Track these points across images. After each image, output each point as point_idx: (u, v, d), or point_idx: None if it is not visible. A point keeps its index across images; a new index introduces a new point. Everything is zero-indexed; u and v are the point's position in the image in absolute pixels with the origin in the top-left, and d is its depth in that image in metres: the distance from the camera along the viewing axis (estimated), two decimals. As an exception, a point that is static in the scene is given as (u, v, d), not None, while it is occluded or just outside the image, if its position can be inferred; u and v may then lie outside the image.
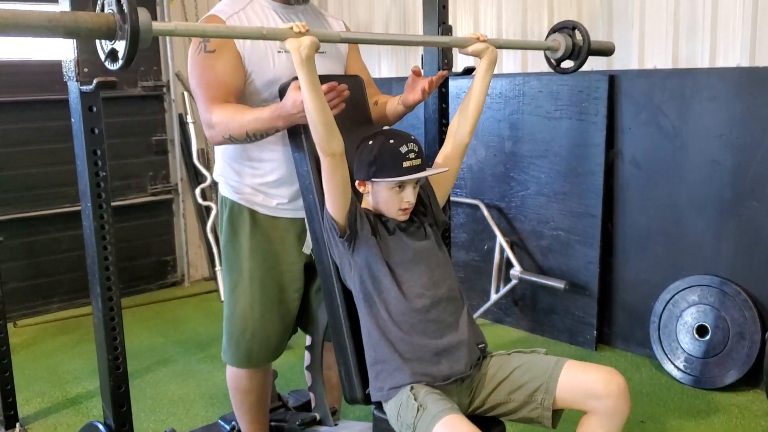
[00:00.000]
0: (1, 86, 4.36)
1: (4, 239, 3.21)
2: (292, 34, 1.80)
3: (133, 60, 1.49)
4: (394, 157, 1.91)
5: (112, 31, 1.47)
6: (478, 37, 2.17)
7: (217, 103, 2.13)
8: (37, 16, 1.38)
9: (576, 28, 2.44)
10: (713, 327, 3.29)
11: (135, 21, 1.44)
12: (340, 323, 2.12)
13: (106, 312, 1.97)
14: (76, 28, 1.44)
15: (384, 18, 4.66)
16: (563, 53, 2.47)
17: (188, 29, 1.73)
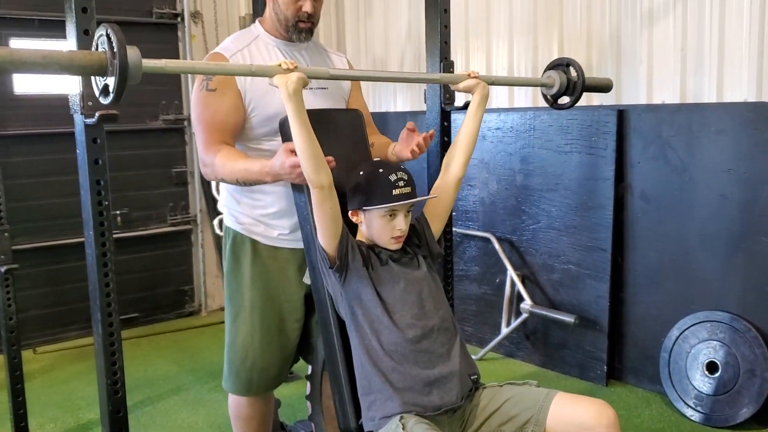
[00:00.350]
0: (25, 119, 4.53)
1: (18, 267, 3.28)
2: (280, 71, 1.87)
3: (122, 94, 1.56)
4: (384, 185, 1.96)
5: (104, 67, 1.55)
6: (470, 74, 2.23)
7: (214, 144, 2.21)
8: (33, 53, 1.46)
9: (570, 65, 2.47)
10: (723, 364, 3.25)
11: (124, 58, 1.52)
12: (335, 352, 2.14)
13: (106, 338, 2.02)
14: (69, 65, 1.52)
15: (399, 54, 4.74)
16: (558, 89, 2.51)
17: (178, 66, 1.81)
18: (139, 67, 1.57)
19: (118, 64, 1.52)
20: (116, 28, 1.56)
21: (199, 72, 2.06)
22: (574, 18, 3.76)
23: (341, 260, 1.96)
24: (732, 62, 3.17)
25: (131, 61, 1.55)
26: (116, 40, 1.53)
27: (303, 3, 2.28)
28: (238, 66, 2.14)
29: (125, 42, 1.55)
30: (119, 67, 1.53)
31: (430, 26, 2.62)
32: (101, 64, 1.55)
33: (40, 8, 4.43)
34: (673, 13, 3.35)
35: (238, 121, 2.25)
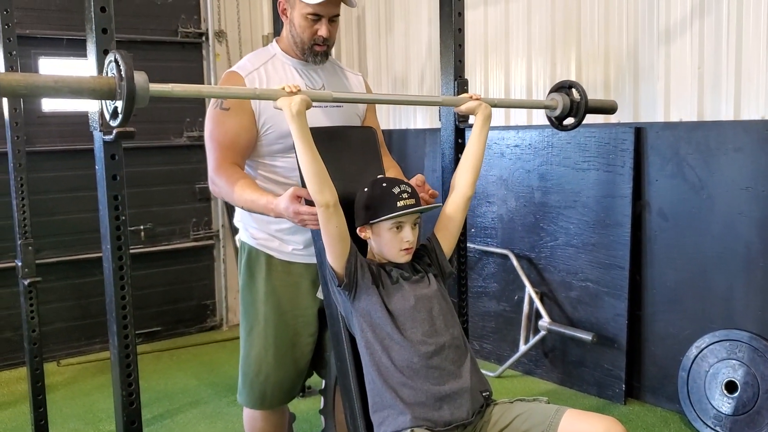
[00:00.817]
0: (53, 136, 4.64)
1: (41, 280, 3.36)
2: (284, 94, 1.92)
3: (130, 117, 1.63)
4: (388, 197, 2.00)
5: (113, 91, 1.62)
6: (471, 96, 2.26)
7: (224, 165, 2.27)
8: (46, 78, 1.54)
9: (573, 87, 2.50)
10: (742, 383, 3.22)
11: (131, 83, 1.58)
12: (347, 367, 2.17)
13: (122, 349, 2.06)
14: (79, 89, 1.59)
15: (419, 72, 4.79)
16: (561, 111, 2.53)
17: (185, 91, 1.86)
18: (146, 90, 1.63)
19: (125, 88, 1.58)
20: (124, 54, 1.62)
21: (206, 96, 2.12)
22: (592, 36, 3.78)
23: (350, 278, 1.99)
24: (749, 80, 3.17)
25: (138, 86, 1.60)
26: (124, 65, 1.59)
27: (319, 27, 2.31)
28: (243, 90, 2.19)
29: (133, 67, 1.60)
30: (127, 91, 1.58)
31: (445, 45, 2.65)
32: (110, 88, 1.62)
33: (67, 28, 4.55)
34: (690, 31, 3.35)
35: (249, 141, 2.31)
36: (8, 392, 4.20)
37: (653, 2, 3.49)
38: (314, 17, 2.28)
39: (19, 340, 4.31)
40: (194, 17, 5.15)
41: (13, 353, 4.54)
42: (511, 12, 4.17)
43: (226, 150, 2.28)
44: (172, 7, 5.06)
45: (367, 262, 2.04)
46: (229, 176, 2.24)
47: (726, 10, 3.21)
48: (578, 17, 3.83)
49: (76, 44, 4.53)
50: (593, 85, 3.78)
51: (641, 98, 3.59)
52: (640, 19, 3.56)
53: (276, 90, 1.94)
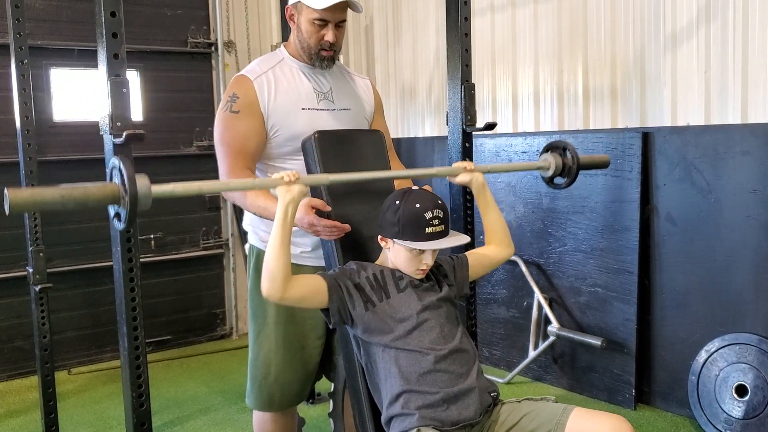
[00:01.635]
0: (64, 145, 4.68)
1: (52, 286, 3.39)
2: (282, 183, 1.93)
3: (134, 219, 1.72)
4: (418, 222, 1.98)
5: (117, 198, 1.70)
6: (465, 167, 2.27)
7: (237, 169, 2.29)
8: (52, 192, 1.64)
9: (566, 149, 2.53)
10: (753, 387, 3.21)
11: (134, 191, 1.66)
12: (355, 368, 2.18)
13: (132, 351, 2.08)
14: (84, 201, 1.68)
15: (428, 80, 4.81)
16: (554, 171, 2.55)
17: (186, 189, 1.90)
18: (148, 195, 1.70)
19: (129, 197, 1.66)
20: (127, 163, 1.69)
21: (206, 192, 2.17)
22: (599, 42, 3.79)
23: (340, 316, 2.01)
24: (756, 84, 3.17)
25: (141, 192, 1.67)
26: (126, 174, 1.67)
27: (326, 32, 2.34)
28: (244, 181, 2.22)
29: (134, 174, 1.68)
30: (130, 200, 1.66)
31: (451, 50, 2.67)
32: (114, 195, 1.70)
33: (78, 39, 4.60)
34: (697, 36, 3.36)
35: (259, 144, 2.33)
36: (20, 400, 4.23)
37: (659, 8, 3.50)
38: (321, 22, 2.31)
39: (30, 349, 4.35)
40: (204, 28, 5.20)
41: (25, 362, 4.57)
42: (517, 19, 4.20)
43: (237, 154, 2.30)
44: (181, 17, 5.11)
45: (363, 275, 2.05)
46: (239, 180, 2.26)
47: (732, 14, 3.22)
48: (584, 24, 3.85)
49: (87, 55, 4.58)
50: (600, 91, 3.80)
51: (648, 103, 3.60)
52: (646, 25, 3.57)
53: (275, 179, 1.95)
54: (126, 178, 1.66)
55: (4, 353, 4.58)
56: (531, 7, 4.11)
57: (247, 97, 2.32)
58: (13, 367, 4.60)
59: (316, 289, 1.99)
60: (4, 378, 4.56)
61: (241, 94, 2.32)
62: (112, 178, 1.75)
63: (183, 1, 5.12)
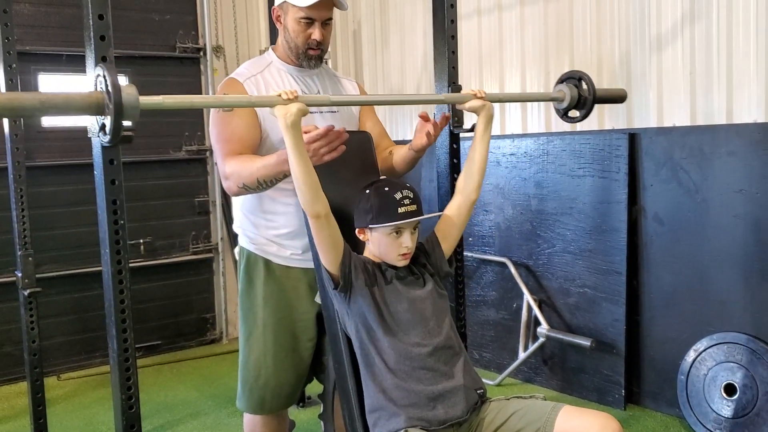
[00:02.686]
0: (53, 150, 4.68)
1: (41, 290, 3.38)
2: (281, 101, 1.91)
3: (119, 133, 1.61)
4: (390, 203, 2.01)
5: (101, 107, 1.60)
6: (476, 94, 2.23)
7: (232, 154, 2.27)
8: (30, 98, 1.54)
9: (582, 79, 2.47)
10: (741, 386, 3.23)
11: (118, 97, 1.57)
12: (344, 369, 2.18)
13: (121, 353, 2.07)
14: (66, 106, 1.58)
15: (415, 84, 4.83)
16: (569, 103, 2.48)
17: (176, 102, 1.86)
18: (136, 104, 1.61)
19: (113, 103, 1.57)
20: (111, 68, 1.61)
21: (198, 106, 2.13)
22: (585, 44, 3.82)
23: (344, 281, 2.01)
24: (741, 84, 3.20)
25: (127, 100, 1.58)
26: (110, 80, 1.58)
27: (312, 31, 2.35)
28: (239, 97, 2.19)
29: (117, 80, 1.59)
30: (114, 106, 1.57)
31: (438, 52, 2.68)
32: (98, 104, 1.60)
33: (67, 44, 4.60)
34: (681, 37, 3.39)
35: (255, 138, 2.32)
36: (8, 406, 4.21)
37: (644, 10, 3.53)
38: (307, 21, 2.32)
39: (19, 355, 4.32)
40: (192, 33, 5.21)
41: (14, 368, 4.55)
42: (504, 22, 4.22)
43: (234, 145, 2.27)
44: (170, 22, 5.12)
45: (362, 261, 2.06)
46: (236, 159, 2.24)
47: (716, 15, 3.25)
48: (570, 26, 3.88)
49: (76, 60, 4.58)
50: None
51: (634, 104, 3.62)
52: (631, 27, 3.60)
53: (272, 97, 1.94)
54: (110, 85, 1.58)
55: (-7, 359, 4.57)
56: (517, 10, 4.14)
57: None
58: (1, 373, 4.58)
59: (339, 239, 2.01)
60: (-7, 384, 4.55)
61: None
62: (96, 87, 1.67)
63: (171, 6, 5.13)
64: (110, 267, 2.05)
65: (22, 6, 4.54)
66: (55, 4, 4.66)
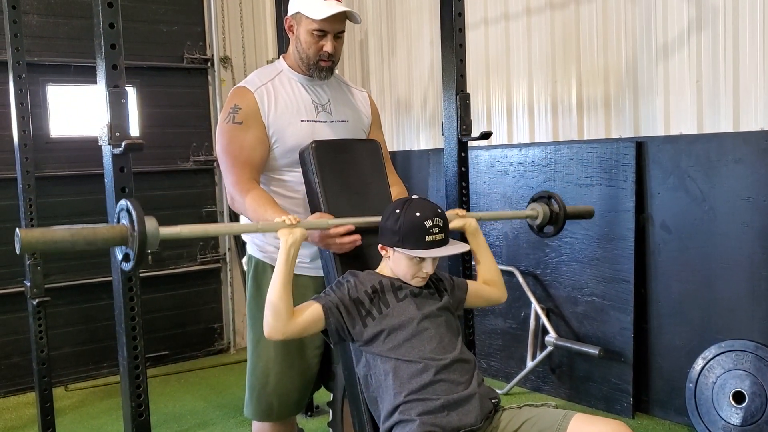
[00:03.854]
0: (62, 161, 4.70)
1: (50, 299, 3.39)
2: (284, 226, 1.99)
3: (142, 261, 1.74)
4: (418, 230, 2.01)
5: (125, 239, 1.72)
6: (457, 213, 2.34)
7: (244, 181, 2.29)
8: (63, 233, 1.67)
9: (552, 198, 2.61)
10: (750, 393, 3.22)
11: (143, 231, 1.69)
12: (354, 375, 2.18)
13: (131, 361, 2.08)
14: (94, 240, 1.70)
15: (422, 93, 4.85)
16: (542, 220, 2.62)
17: (192, 231, 1.98)
18: (156, 236, 1.73)
19: (137, 236, 1.69)
20: (135, 204, 1.72)
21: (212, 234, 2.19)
22: (591, 54, 3.83)
23: (339, 335, 2.04)
24: (747, 92, 3.21)
25: (149, 233, 1.70)
26: (135, 215, 1.70)
27: (324, 43, 2.36)
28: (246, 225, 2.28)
29: (143, 215, 1.71)
30: (138, 239, 1.69)
31: (446, 61, 2.70)
32: (122, 236, 1.72)
33: (75, 55, 4.63)
34: (688, 46, 3.40)
35: (263, 155, 2.34)
36: (17, 416, 4.21)
37: (651, 19, 3.55)
38: (320, 33, 2.33)
39: (27, 365, 4.34)
40: (200, 43, 5.24)
41: (22, 378, 4.56)
42: (511, 31, 4.24)
43: (243, 166, 2.30)
44: (178, 33, 5.15)
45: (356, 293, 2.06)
46: (248, 193, 2.26)
47: (722, 23, 3.26)
48: (577, 36, 3.89)
49: (84, 71, 4.61)
50: (593, 101, 3.83)
51: (641, 113, 3.63)
52: (638, 36, 3.61)
53: (277, 222, 2.01)
54: (135, 220, 1.70)
55: (1, 370, 4.57)
56: (524, 19, 4.15)
57: (249, 107, 2.33)
58: (10, 383, 4.58)
59: (314, 317, 2.02)
60: (1, 395, 4.54)
61: (243, 104, 2.34)
62: (119, 219, 1.78)
63: (179, 18, 5.16)
64: (120, 274, 2.06)
65: (31, 17, 4.57)
66: (63, 15, 4.69)
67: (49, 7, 4.66)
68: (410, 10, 4.88)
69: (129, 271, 1.95)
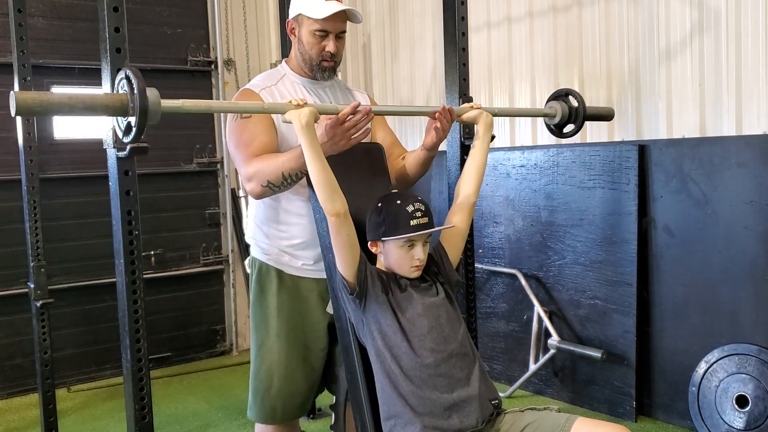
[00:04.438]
0: (64, 163, 4.72)
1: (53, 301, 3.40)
2: (292, 107, 1.98)
3: (143, 131, 1.69)
4: (402, 216, 2.03)
5: (125, 107, 1.68)
6: (473, 106, 2.34)
7: (253, 155, 2.27)
8: (60, 96, 1.62)
9: (570, 94, 2.55)
10: (753, 397, 3.21)
11: (143, 97, 1.65)
12: (357, 379, 2.19)
13: (135, 362, 2.09)
14: (92, 105, 1.66)
15: (425, 96, 4.85)
16: (560, 118, 2.58)
17: (195, 106, 1.96)
18: (158, 106, 1.70)
19: (138, 103, 1.65)
20: (135, 71, 1.68)
21: (215, 110, 2.18)
22: (594, 57, 3.84)
23: (361, 286, 2.03)
24: (750, 95, 3.21)
25: (150, 101, 1.67)
26: (135, 81, 1.65)
27: (326, 43, 2.38)
28: (252, 104, 2.24)
29: (144, 83, 1.67)
30: (139, 107, 1.65)
31: (449, 64, 2.71)
32: (122, 104, 1.68)
33: (79, 57, 4.65)
34: (690, 49, 3.41)
35: (274, 141, 2.32)
36: (19, 418, 4.22)
37: (653, 22, 3.55)
38: (322, 33, 2.35)
39: (30, 367, 4.35)
40: (203, 46, 5.25)
41: (24, 379, 4.57)
42: (513, 35, 4.25)
43: (254, 148, 2.27)
44: (181, 36, 5.17)
45: (376, 269, 2.08)
46: (259, 158, 2.24)
47: (725, 27, 3.27)
48: (580, 39, 3.90)
49: (88, 73, 4.61)
50: (596, 104, 3.82)
51: (644, 116, 3.63)
52: (640, 39, 3.62)
53: (283, 104, 2.01)
54: (136, 87, 1.65)
55: (3, 371, 4.58)
56: (527, 22, 4.16)
57: None
58: (12, 384, 4.59)
59: (357, 242, 2.03)
60: (3, 396, 4.55)
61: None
62: (118, 89, 1.74)
63: (183, 20, 5.17)
64: (125, 277, 2.07)
65: (36, 20, 4.59)
66: (68, 18, 4.71)
67: (53, 9, 4.68)
68: (413, 13, 4.89)
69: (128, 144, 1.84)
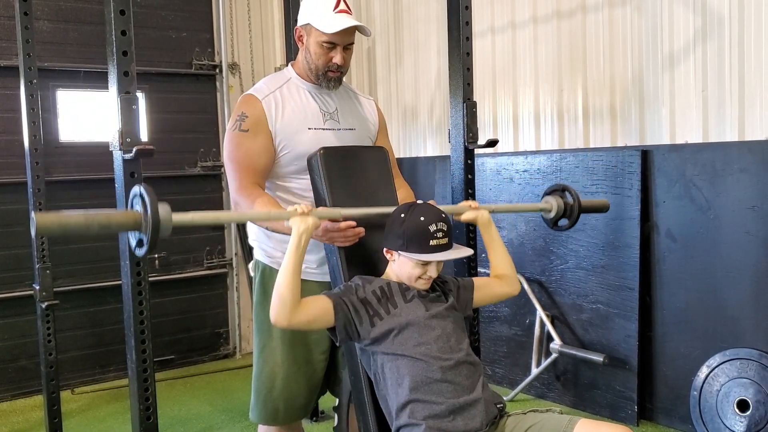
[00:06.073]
0: (69, 166, 4.74)
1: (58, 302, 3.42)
2: (297, 214, 2.01)
3: (155, 246, 1.76)
4: (423, 234, 2.03)
5: (139, 224, 1.75)
6: (470, 205, 2.34)
7: (247, 185, 2.31)
8: (77, 217, 1.70)
9: (566, 190, 2.58)
10: (754, 402, 3.22)
11: (156, 216, 1.72)
12: (360, 381, 2.21)
13: (140, 364, 2.11)
14: (108, 224, 1.73)
15: (429, 101, 4.87)
16: (556, 213, 2.58)
17: (205, 218, 2.04)
18: (169, 222, 1.76)
19: (151, 221, 1.71)
20: (149, 189, 1.74)
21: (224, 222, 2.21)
22: (598, 63, 3.85)
23: (347, 333, 2.05)
24: (753, 101, 3.23)
25: (162, 218, 1.73)
26: (149, 200, 1.73)
27: (334, 54, 2.38)
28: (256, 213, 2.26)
29: (156, 200, 1.74)
30: (152, 224, 1.71)
31: (453, 69, 2.73)
32: (136, 221, 1.75)
33: (85, 61, 4.67)
34: (694, 55, 3.42)
35: (268, 163, 2.37)
36: (23, 419, 4.24)
37: (657, 29, 3.57)
38: (329, 45, 2.36)
39: (34, 368, 4.37)
40: (208, 50, 5.28)
41: (29, 381, 4.59)
42: (518, 41, 4.27)
43: (247, 171, 2.33)
44: (186, 40, 5.19)
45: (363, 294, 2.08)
46: (250, 195, 2.28)
47: (728, 33, 3.28)
48: (584, 45, 3.91)
49: (94, 77, 4.64)
50: (599, 110, 3.85)
51: (647, 122, 3.65)
52: (644, 46, 3.63)
53: (289, 211, 2.03)
54: (149, 206, 1.72)
55: (8, 372, 4.60)
56: (530, 28, 4.18)
57: (255, 116, 2.36)
58: (17, 386, 4.61)
59: (323, 310, 2.03)
60: (8, 397, 4.57)
61: (250, 113, 2.36)
62: (133, 205, 1.80)
63: (188, 24, 5.20)
64: (130, 278, 2.09)
65: (42, 23, 4.61)
66: (73, 21, 4.74)
67: (59, 13, 4.70)
68: (417, 18, 4.91)
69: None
